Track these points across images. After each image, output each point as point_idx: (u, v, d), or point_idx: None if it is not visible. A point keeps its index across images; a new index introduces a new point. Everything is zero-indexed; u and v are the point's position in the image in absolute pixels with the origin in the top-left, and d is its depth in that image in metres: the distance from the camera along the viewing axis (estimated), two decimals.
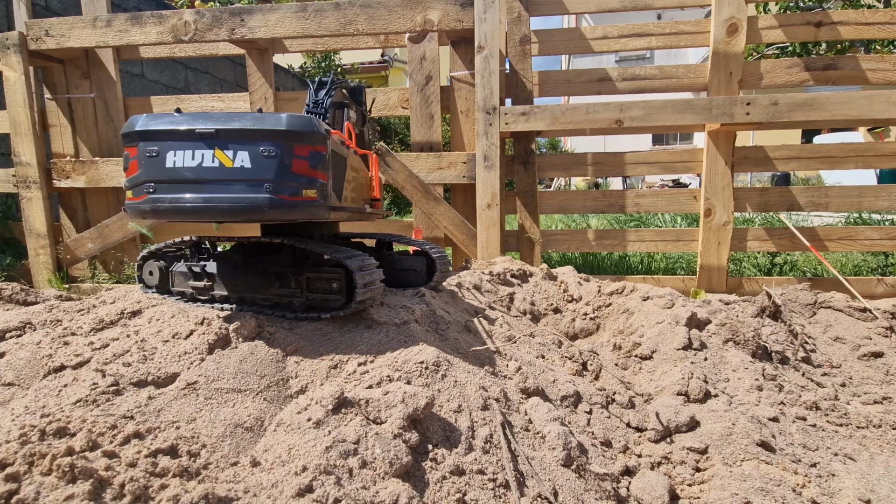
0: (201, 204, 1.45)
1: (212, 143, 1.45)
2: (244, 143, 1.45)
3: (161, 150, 1.47)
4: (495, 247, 3.29)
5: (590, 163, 3.58)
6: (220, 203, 1.45)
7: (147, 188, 1.49)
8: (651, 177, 15.19)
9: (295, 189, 1.47)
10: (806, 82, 3.37)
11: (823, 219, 6.17)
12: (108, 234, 3.69)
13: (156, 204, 1.47)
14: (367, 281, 1.69)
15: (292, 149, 1.46)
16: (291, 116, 1.47)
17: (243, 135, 1.45)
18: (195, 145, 1.46)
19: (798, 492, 1.34)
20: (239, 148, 1.45)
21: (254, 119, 1.46)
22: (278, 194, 1.45)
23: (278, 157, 1.44)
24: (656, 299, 2.44)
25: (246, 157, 1.44)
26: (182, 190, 1.46)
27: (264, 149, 1.44)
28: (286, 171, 1.45)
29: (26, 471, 0.98)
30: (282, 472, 1.04)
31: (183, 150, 1.46)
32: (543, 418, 1.38)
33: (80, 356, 1.60)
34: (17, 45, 3.50)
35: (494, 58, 3.18)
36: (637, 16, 18.07)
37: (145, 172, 1.49)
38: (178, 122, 1.47)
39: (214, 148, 1.45)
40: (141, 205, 1.50)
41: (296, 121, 1.46)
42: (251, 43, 3.52)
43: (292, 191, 1.46)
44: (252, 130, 1.44)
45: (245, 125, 1.44)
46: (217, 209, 1.45)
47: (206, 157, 1.45)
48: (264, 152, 1.44)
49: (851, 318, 2.55)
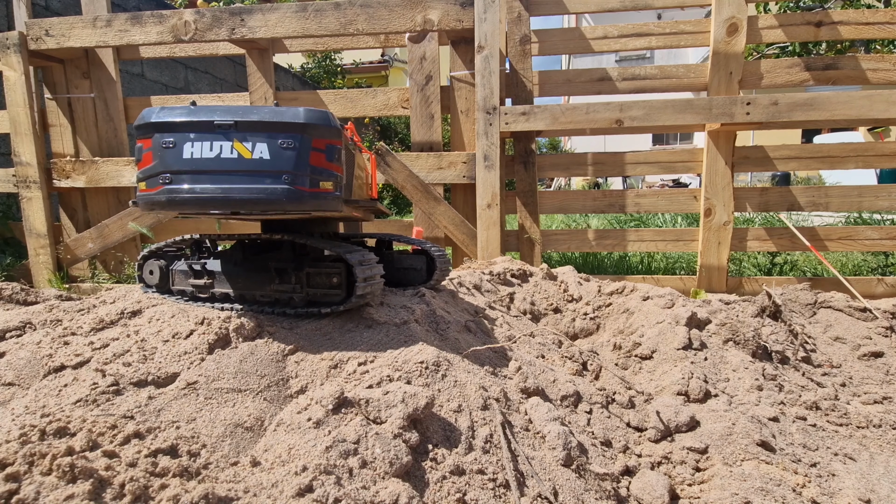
0: (220, 195, 1.46)
1: (230, 135, 1.46)
2: (263, 134, 1.46)
3: (178, 141, 1.47)
4: (495, 247, 3.28)
5: (590, 163, 3.58)
6: (238, 194, 1.45)
7: (163, 178, 1.49)
8: (651, 177, 15.19)
9: (313, 181, 1.49)
10: (806, 82, 3.37)
11: (823, 219, 6.17)
12: (108, 233, 3.69)
13: (172, 194, 1.47)
14: (367, 275, 1.69)
15: (310, 141, 1.47)
16: (309, 110, 1.48)
17: (262, 127, 1.46)
18: (214, 136, 1.46)
19: (798, 492, 1.34)
20: (258, 140, 1.46)
21: (272, 112, 1.47)
22: (296, 185, 1.46)
23: (296, 149, 1.46)
24: (656, 299, 2.44)
25: (265, 148, 1.45)
26: (200, 181, 1.47)
27: (283, 141, 1.46)
28: (304, 163, 1.47)
29: (26, 471, 0.98)
30: (282, 472, 1.04)
31: (201, 142, 1.46)
32: (543, 418, 1.38)
33: (81, 356, 1.60)
34: (17, 44, 3.50)
35: (494, 58, 3.18)
36: (637, 16, 18.07)
37: (161, 163, 1.49)
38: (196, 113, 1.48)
39: (233, 139, 1.46)
40: (156, 196, 1.50)
41: (314, 114, 1.48)
42: (251, 43, 3.52)
43: (310, 182, 1.48)
44: (271, 123, 1.45)
45: (264, 117, 1.46)
46: (235, 200, 1.46)
47: (225, 149, 1.46)
48: (283, 144, 1.46)
49: (851, 317, 2.55)
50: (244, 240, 1.95)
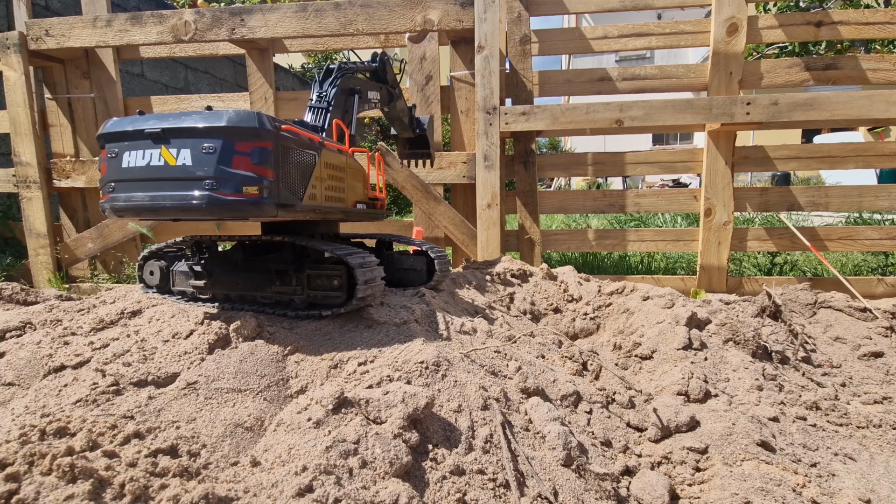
0: (148, 202, 1.49)
1: (158, 143, 1.48)
2: (188, 140, 1.46)
3: (120, 151, 1.54)
4: (495, 247, 3.28)
5: (590, 163, 3.58)
6: (165, 201, 1.47)
7: (109, 187, 1.57)
8: (651, 177, 15.18)
9: (235, 186, 1.44)
10: (806, 82, 3.37)
11: (823, 219, 6.17)
12: (108, 233, 3.69)
13: (113, 203, 1.55)
14: (367, 278, 1.69)
15: (233, 145, 1.44)
16: (235, 112, 1.46)
17: (187, 133, 1.45)
18: (145, 145, 1.50)
19: (798, 492, 1.34)
20: (182, 146, 1.46)
21: (200, 117, 1.46)
22: (217, 191, 1.43)
23: (217, 153, 1.43)
24: (656, 299, 2.44)
25: (188, 154, 1.45)
26: (134, 189, 1.51)
27: (205, 146, 1.44)
28: (225, 168, 1.43)
29: (26, 471, 0.98)
30: (282, 472, 1.04)
31: (136, 151, 1.51)
32: (543, 418, 1.38)
33: (81, 356, 1.60)
34: (17, 44, 3.50)
35: (494, 58, 3.17)
36: (637, 16, 18.07)
37: (108, 173, 1.57)
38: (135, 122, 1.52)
39: (161, 147, 1.48)
40: (105, 203, 1.59)
41: (238, 116, 1.45)
42: (251, 43, 3.51)
43: (232, 188, 1.44)
44: (195, 128, 1.45)
45: (189, 123, 1.45)
46: (162, 207, 1.48)
47: (154, 157, 1.49)
48: (205, 149, 1.44)
49: (851, 317, 2.55)
50: (245, 241, 1.95)
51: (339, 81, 2.07)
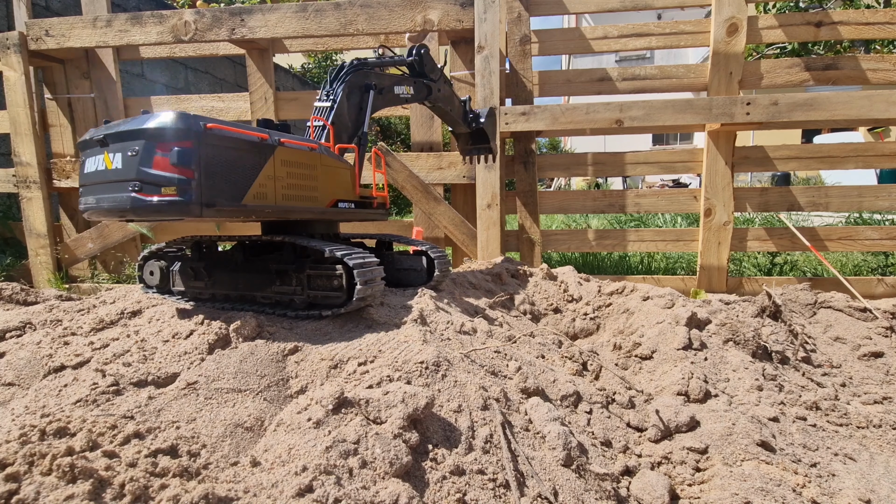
0: (94, 205, 1.59)
1: (103, 149, 1.57)
2: (119, 145, 1.53)
3: (84, 157, 1.66)
4: (495, 247, 3.28)
5: (590, 163, 3.58)
6: (105, 203, 1.56)
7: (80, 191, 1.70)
8: (651, 177, 15.19)
9: (156, 187, 1.47)
10: (806, 82, 3.37)
11: (823, 219, 6.17)
12: (108, 234, 3.69)
13: (80, 205, 1.69)
14: (367, 278, 1.69)
15: (154, 147, 1.47)
16: (158, 114, 1.49)
17: (118, 137, 1.53)
18: (95, 151, 1.60)
19: (798, 492, 1.34)
20: (116, 150, 1.54)
21: (131, 121, 1.53)
22: (140, 193, 1.48)
23: (139, 155, 1.48)
24: (656, 299, 2.44)
25: (119, 158, 1.52)
26: (90, 192, 1.63)
27: (131, 149, 1.50)
28: (146, 170, 1.47)
29: (26, 471, 0.98)
30: (282, 472, 1.04)
31: (91, 157, 1.62)
32: (543, 418, 1.38)
33: (81, 356, 1.60)
34: (18, 45, 3.50)
35: (494, 58, 3.17)
36: (637, 16, 18.07)
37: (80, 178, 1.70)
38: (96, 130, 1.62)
39: (104, 152, 1.57)
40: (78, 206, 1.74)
41: (158, 118, 1.48)
42: (251, 43, 3.51)
43: (153, 189, 1.48)
44: (124, 132, 1.52)
45: (122, 128, 1.52)
46: (103, 209, 1.57)
47: (99, 162, 1.58)
48: (130, 152, 1.50)
49: (851, 318, 2.55)
50: (245, 241, 1.95)
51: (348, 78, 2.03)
